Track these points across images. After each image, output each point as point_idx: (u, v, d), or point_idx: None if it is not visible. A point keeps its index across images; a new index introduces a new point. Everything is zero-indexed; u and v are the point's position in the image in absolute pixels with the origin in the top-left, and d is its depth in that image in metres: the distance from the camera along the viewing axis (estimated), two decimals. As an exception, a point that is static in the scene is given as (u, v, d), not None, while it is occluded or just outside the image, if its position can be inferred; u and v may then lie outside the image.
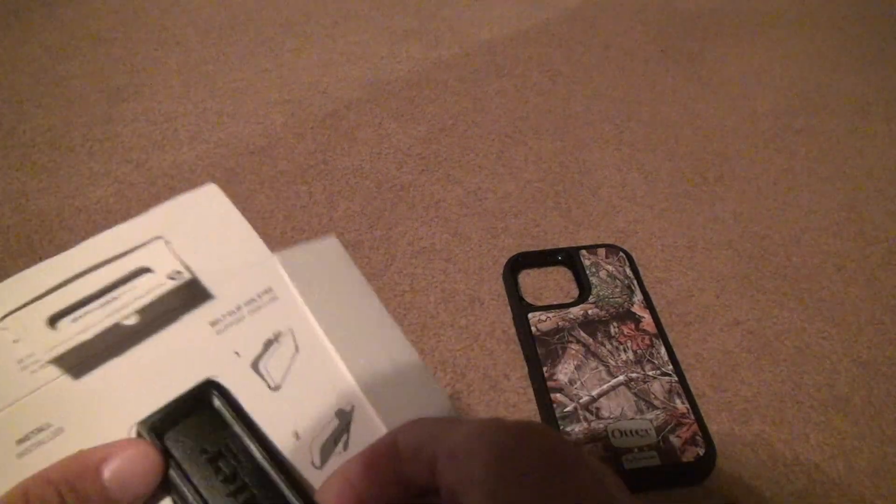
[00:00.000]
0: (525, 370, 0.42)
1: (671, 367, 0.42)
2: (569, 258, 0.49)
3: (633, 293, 0.46)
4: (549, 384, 0.41)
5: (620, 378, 0.41)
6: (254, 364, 0.24)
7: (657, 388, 0.41)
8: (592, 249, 0.49)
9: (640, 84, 0.67)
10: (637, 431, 0.39)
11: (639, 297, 0.46)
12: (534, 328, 0.44)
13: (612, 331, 0.44)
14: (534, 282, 0.48)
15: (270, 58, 0.66)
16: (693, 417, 0.40)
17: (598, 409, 0.40)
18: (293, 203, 0.52)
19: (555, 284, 0.48)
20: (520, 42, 0.71)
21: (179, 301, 0.23)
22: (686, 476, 0.38)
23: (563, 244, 0.50)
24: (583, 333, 0.43)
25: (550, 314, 0.44)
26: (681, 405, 0.40)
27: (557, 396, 0.40)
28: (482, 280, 0.48)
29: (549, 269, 0.49)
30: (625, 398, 0.40)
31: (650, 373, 0.42)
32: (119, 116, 0.58)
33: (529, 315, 0.44)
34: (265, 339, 0.24)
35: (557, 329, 0.44)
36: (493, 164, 0.57)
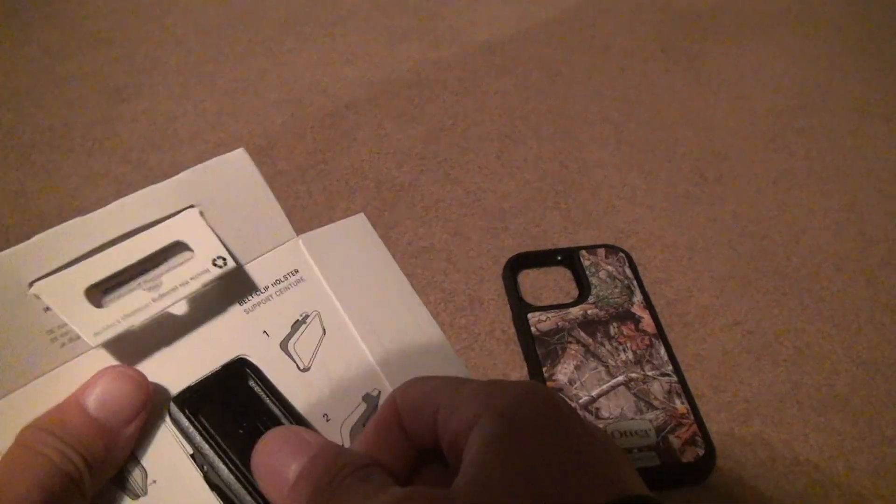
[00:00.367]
0: (525, 370, 0.42)
1: (671, 368, 0.42)
2: (568, 258, 0.49)
3: (633, 293, 0.46)
4: (549, 384, 0.41)
5: (620, 378, 0.41)
6: (283, 344, 0.24)
7: (657, 389, 0.41)
8: (592, 249, 0.49)
9: (640, 84, 0.67)
10: (637, 432, 0.39)
11: (638, 298, 0.46)
12: (533, 328, 0.44)
13: (612, 331, 0.44)
14: (533, 282, 0.48)
15: (270, 58, 0.66)
16: (693, 418, 0.40)
17: (598, 410, 0.40)
18: (293, 203, 0.52)
19: (554, 284, 0.48)
20: (520, 42, 0.71)
21: (223, 288, 0.23)
22: (686, 476, 0.38)
23: (563, 244, 0.50)
24: (582, 334, 0.43)
25: (550, 314, 0.44)
26: (680, 405, 0.40)
27: (557, 396, 0.40)
28: (482, 280, 0.48)
29: (549, 269, 0.49)
30: (624, 398, 0.40)
31: (650, 373, 0.42)
32: (119, 116, 0.58)
33: (529, 315, 0.44)
34: (293, 320, 0.24)
35: (557, 329, 0.44)
36: (493, 164, 0.56)
